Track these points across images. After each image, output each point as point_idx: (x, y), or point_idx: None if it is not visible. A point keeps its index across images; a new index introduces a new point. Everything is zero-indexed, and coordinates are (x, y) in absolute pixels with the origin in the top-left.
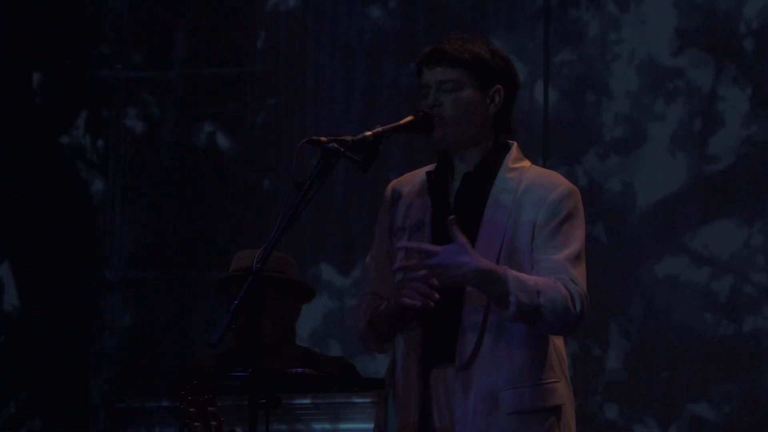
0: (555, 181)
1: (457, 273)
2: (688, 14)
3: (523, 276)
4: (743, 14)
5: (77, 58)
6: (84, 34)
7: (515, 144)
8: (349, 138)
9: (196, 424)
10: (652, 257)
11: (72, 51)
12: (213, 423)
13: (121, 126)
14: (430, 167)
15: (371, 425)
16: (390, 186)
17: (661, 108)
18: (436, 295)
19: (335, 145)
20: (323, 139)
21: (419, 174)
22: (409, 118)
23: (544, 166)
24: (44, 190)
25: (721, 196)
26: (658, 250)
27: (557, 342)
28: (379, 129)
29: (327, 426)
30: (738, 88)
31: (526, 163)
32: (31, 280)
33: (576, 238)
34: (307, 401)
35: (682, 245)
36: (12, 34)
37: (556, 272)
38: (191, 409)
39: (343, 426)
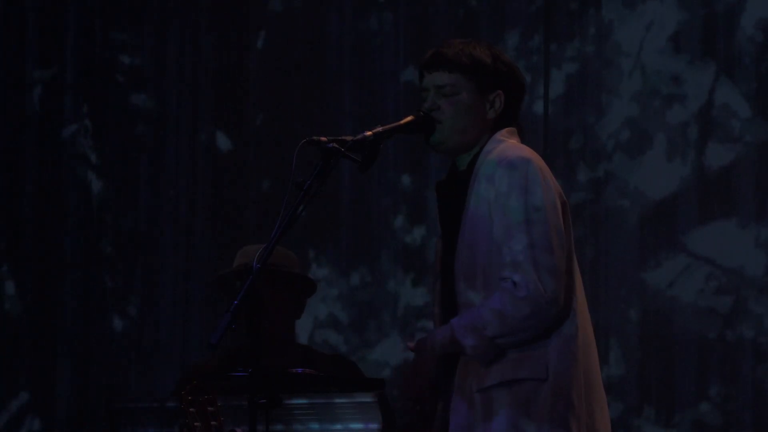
0: (501, 155)
1: (426, 369)
2: (688, 16)
3: (469, 318)
4: (743, 16)
5: (78, 56)
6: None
7: (504, 130)
8: (349, 138)
9: (196, 424)
10: (653, 259)
11: (73, 49)
12: (213, 423)
13: (121, 126)
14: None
15: (371, 425)
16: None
17: (662, 110)
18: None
19: (335, 145)
20: (323, 139)
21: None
22: (410, 117)
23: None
24: (44, 190)
25: (722, 197)
26: (659, 252)
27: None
28: (380, 129)
29: (327, 426)
30: (738, 90)
31: (504, 143)
32: (31, 280)
33: (525, 211)
34: (306, 401)
35: (682, 247)
36: (12, 32)
37: (508, 266)
38: (191, 409)
39: (342, 426)
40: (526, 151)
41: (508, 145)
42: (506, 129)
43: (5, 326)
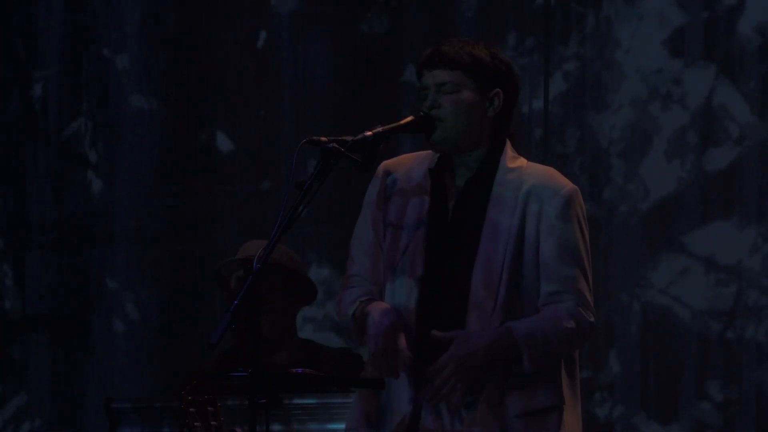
0: (558, 183)
1: (472, 365)
2: (688, 17)
3: (531, 328)
4: (742, 18)
5: (78, 54)
6: (83, 33)
7: (508, 143)
8: (349, 138)
9: (196, 424)
10: (653, 259)
11: (73, 47)
12: (213, 423)
13: (121, 126)
14: (423, 154)
15: None
16: (382, 167)
17: (661, 111)
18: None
19: (335, 145)
20: (323, 139)
21: (413, 161)
22: (410, 118)
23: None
24: (44, 190)
25: (722, 198)
26: (659, 252)
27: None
28: (380, 129)
29: (326, 426)
30: (737, 91)
31: (523, 161)
32: (32, 279)
33: (581, 243)
34: (306, 401)
35: (682, 247)
36: (12, 31)
37: (563, 292)
38: (191, 409)
39: (342, 426)
40: (568, 180)
41: (544, 168)
42: (508, 143)
43: (5, 326)
